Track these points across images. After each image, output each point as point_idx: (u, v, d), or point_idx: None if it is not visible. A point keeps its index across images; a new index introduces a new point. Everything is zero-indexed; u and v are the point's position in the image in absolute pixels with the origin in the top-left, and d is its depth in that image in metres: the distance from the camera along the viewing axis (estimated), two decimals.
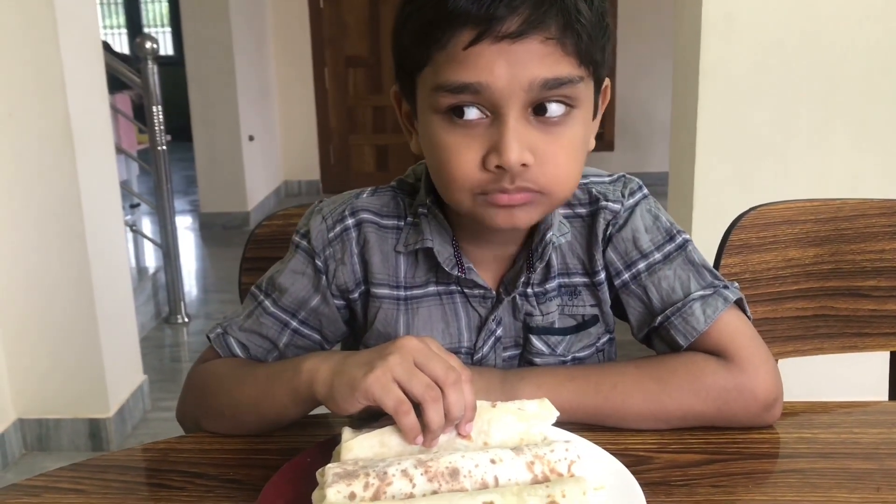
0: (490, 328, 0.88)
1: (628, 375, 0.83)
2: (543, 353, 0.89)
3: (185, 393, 0.91)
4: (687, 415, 0.81)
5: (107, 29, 9.23)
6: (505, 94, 0.71)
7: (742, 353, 0.83)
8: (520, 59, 0.70)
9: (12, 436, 2.36)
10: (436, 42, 0.72)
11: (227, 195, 5.06)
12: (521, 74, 0.71)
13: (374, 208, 0.88)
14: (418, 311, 0.88)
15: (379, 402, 0.67)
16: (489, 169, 0.73)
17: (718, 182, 1.93)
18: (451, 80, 0.72)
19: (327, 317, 0.90)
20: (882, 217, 1.14)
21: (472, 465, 0.65)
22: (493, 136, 0.73)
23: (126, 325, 2.59)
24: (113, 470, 0.80)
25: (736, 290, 0.87)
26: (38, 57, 2.15)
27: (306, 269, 0.88)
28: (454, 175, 0.75)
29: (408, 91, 0.81)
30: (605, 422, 0.82)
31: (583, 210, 0.88)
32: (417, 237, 0.86)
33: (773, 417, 0.83)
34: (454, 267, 0.85)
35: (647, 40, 5.64)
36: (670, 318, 0.85)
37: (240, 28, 4.92)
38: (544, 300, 0.88)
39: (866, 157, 1.91)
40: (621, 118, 5.89)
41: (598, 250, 0.87)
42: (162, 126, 3.30)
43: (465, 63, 0.71)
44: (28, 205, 2.24)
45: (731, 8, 1.85)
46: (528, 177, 0.74)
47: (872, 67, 1.87)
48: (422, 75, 0.76)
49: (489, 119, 0.73)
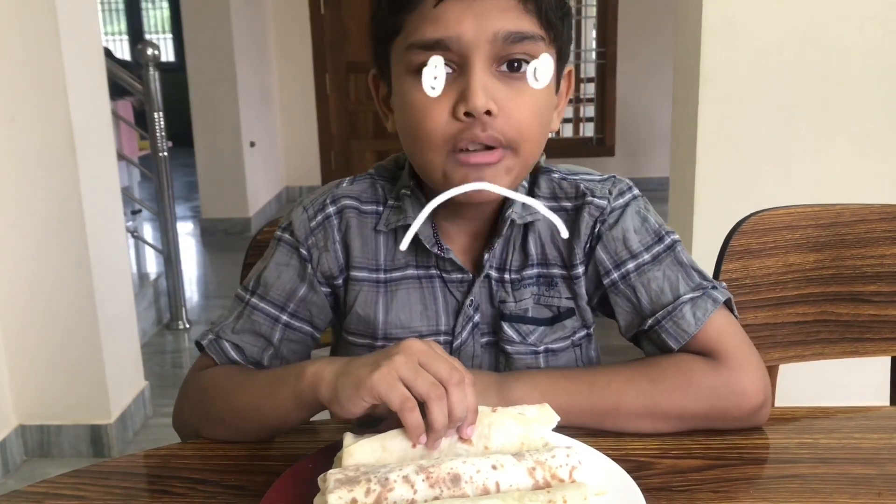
0: (468, 313, 0.90)
1: (621, 374, 0.84)
2: (514, 340, 0.90)
3: (182, 401, 0.91)
4: (680, 413, 0.82)
5: (108, 35, 9.25)
6: (472, 45, 0.77)
7: (730, 353, 0.84)
8: (485, 12, 0.76)
9: (14, 442, 2.36)
10: (407, 4, 0.79)
11: (228, 201, 5.07)
12: (485, 26, 0.76)
13: (354, 194, 0.92)
14: (397, 293, 0.90)
15: (384, 400, 0.68)
16: (459, 118, 0.77)
17: (719, 187, 1.93)
18: (422, 37, 0.78)
19: (316, 305, 0.91)
20: (882, 222, 1.14)
21: (473, 471, 0.66)
22: (461, 86, 0.77)
23: (127, 331, 2.59)
24: (115, 476, 0.80)
25: (724, 290, 0.88)
26: (40, 63, 2.16)
27: (291, 259, 0.90)
28: (427, 129, 0.79)
29: (383, 68, 0.86)
30: (600, 422, 0.82)
31: (568, 204, 0.90)
32: (399, 216, 0.89)
33: (763, 417, 0.84)
34: (434, 245, 0.88)
35: (647, 45, 5.65)
36: (661, 322, 0.86)
37: (241, 34, 4.93)
38: (519, 287, 0.90)
39: (867, 162, 1.91)
40: (622, 123, 5.90)
41: (580, 245, 0.89)
42: (163, 132, 3.31)
43: (435, 19, 0.77)
44: (30, 211, 2.25)
45: (732, 13, 1.85)
46: (496, 126, 0.78)
47: (873, 72, 1.87)
48: (395, 43, 0.81)
49: (456, 73, 0.78)
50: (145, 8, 9.39)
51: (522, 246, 0.90)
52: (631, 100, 5.83)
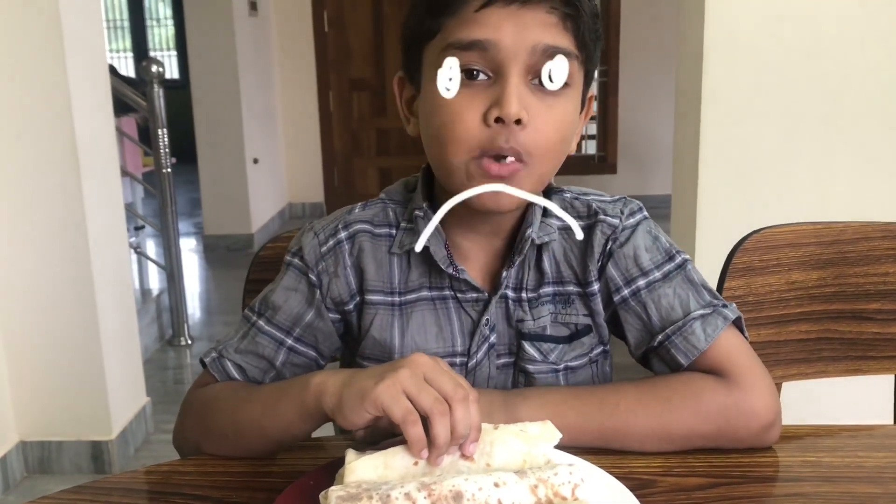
0: (483, 333, 0.89)
1: (630, 395, 0.83)
2: (536, 359, 0.90)
3: (184, 418, 0.91)
4: (689, 434, 0.82)
5: (113, 52, 9.31)
6: (510, 53, 0.77)
7: (741, 372, 0.84)
8: (526, 22, 0.77)
9: (14, 458, 2.35)
10: (447, 8, 0.79)
11: (231, 217, 5.08)
12: (525, 36, 0.77)
13: (366, 219, 0.92)
14: (412, 315, 0.90)
15: (388, 412, 0.68)
16: (489, 124, 0.78)
17: (721, 205, 1.94)
18: (461, 37, 0.78)
19: (322, 332, 0.91)
20: (885, 240, 1.14)
21: (475, 489, 0.65)
22: (495, 93, 0.78)
23: (129, 347, 2.59)
24: (115, 492, 0.80)
25: (734, 309, 0.88)
26: (46, 80, 2.17)
27: (299, 284, 0.90)
28: (457, 131, 0.79)
29: (413, 70, 0.86)
30: (608, 442, 0.82)
31: (581, 222, 0.90)
32: (413, 238, 0.88)
33: (772, 438, 0.84)
34: (448, 265, 0.87)
35: (649, 63, 5.67)
36: (671, 338, 0.86)
37: (245, 52, 4.96)
38: (536, 305, 0.90)
39: (869, 179, 1.92)
40: (624, 141, 5.91)
41: (594, 262, 0.89)
42: (167, 149, 3.33)
43: (476, 23, 0.77)
44: (34, 226, 2.25)
45: (734, 30, 1.86)
46: (520, 138, 0.78)
47: (874, 90, 1.88)
48: (430, 45, 0.82)
49: (491, 80, 0.79)
50: (150, 26, 9.45)
51: (538, 265, 0.90)
52: (633, 118, 5.84)
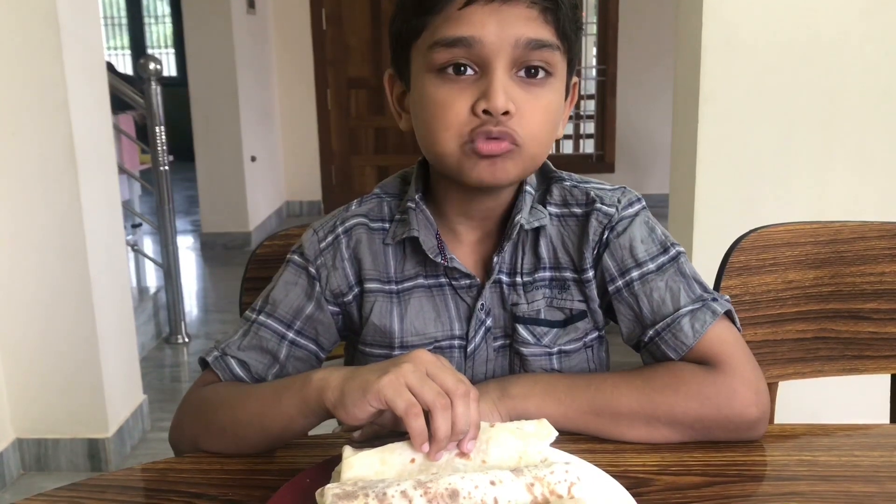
0: (479, 318, 0.92)
1: (616, 376, 0.87)
2: (529, 342, 0.92)
3: (182, 415, 0.91)
4: (671, 411, 0.83)
5: (111, 50, 9.29)
6: (494, 48, 0.80)
7: (725, 360, 0.85)
8: (508, 18, 0.80)
9: (10, 456, 2.35)
10: (433, 7, 0.82)
11: (228, 215, 5.08)
12: (509, 32, 0.80)
13: (362, 213, 0.95)
14: (410, 302, 0.92)
15: (390, 405, 0.69)
16: (477, 114, 0.81)
17: (718, 204, 1.94)
18: (446, 35, 0.81)
19: (322, 324, 0.93)
20: (882, 240, 1.15)
21: (471, 487, 0.65)
22: (482, 87, 0.81)
23: (126, 345, 2.58)
24: (112, 490, 0.80)
25: (725, 302, 0.89)
26: (43, 77, 2.17)
27: (299, 278, 0.93)
28: (446, 121, 0.82)
29: (402, 67, 0.88)
30: (598, 424, 0.84)
31: (578, 210, 0.93)
32: (405, 229, 0.91)
33: (758, 431, 0.85)
34: (437, 255, 0.90)
35: (647, 63, 5.67)
36: (661, 333, 0.88)
37: (243, 50, 4.95)
38: (531, 289, 0.92)
39: (866, 179, 1.92)
40: (622, 140, 5.92)
41: (589, 249, 0.91)
42: (164, 146, 3.32)
43: (460, 20, 0.80)
44: (30, 223, 2.25)
45: (732, 30, 1.86)
46: (510, 125, 0.81)
47: (872, 91, 1.88)
48: (417, 43, 0.84)
49: (478, 74, 0.82)
50: (148, 23, 9.43)
51: (534, 250, 0.92)
52: (631, 117, 5.85)
